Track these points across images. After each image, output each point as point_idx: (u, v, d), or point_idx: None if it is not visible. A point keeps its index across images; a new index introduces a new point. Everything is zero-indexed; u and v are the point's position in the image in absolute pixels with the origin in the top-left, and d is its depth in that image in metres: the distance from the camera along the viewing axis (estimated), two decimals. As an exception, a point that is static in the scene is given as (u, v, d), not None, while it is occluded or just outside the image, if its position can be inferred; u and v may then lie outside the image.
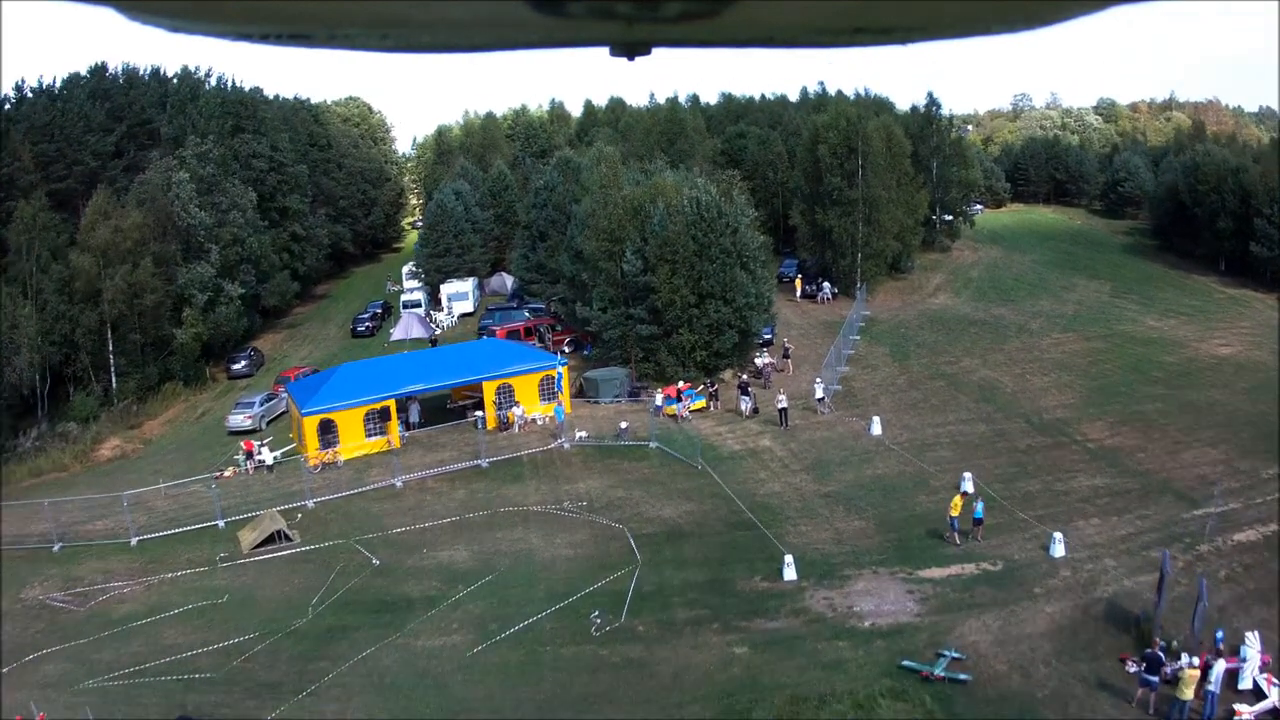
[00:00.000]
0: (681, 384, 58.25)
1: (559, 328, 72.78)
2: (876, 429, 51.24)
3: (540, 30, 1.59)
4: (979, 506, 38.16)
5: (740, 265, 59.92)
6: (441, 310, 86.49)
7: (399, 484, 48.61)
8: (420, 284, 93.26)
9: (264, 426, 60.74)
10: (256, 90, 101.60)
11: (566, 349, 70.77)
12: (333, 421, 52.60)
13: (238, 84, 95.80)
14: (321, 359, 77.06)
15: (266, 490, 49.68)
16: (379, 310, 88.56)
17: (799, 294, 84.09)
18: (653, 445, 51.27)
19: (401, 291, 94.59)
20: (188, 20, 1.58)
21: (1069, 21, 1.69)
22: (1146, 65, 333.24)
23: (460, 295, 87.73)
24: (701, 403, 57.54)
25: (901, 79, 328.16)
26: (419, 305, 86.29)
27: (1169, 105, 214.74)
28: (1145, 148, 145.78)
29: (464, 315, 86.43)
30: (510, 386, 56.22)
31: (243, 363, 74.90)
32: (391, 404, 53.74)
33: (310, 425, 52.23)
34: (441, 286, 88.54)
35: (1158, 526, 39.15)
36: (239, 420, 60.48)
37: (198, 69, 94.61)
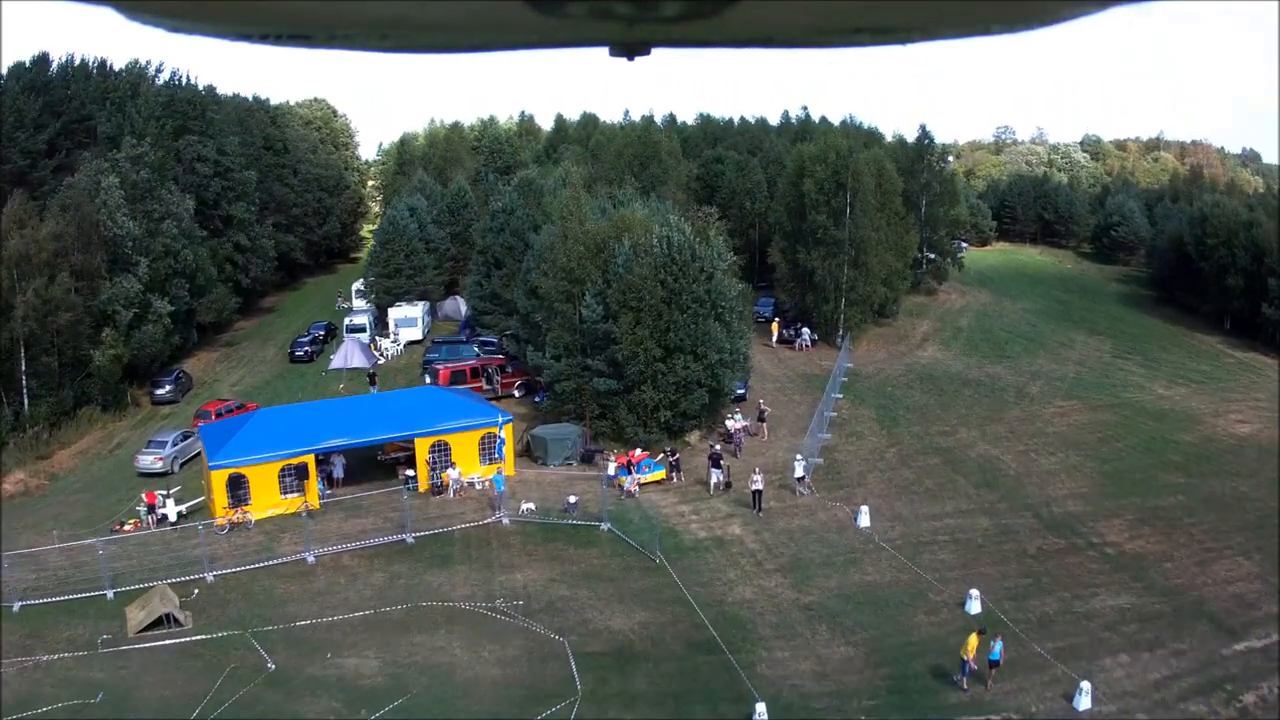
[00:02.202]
0: (636, 452, 51.30)
1: (509, 369, 65.50)
2: (864, 520, 44.25)
3: (540, 31, 1.62)
4: (996, 647, 31.39)
5: (714, 316, 53.01)
6: (388, 337, 79.28)
7: (311, 559, 41.65)
8: (367, 306, 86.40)
9: (177, 469, 53.66)
10: (210, 88, 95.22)
11: (517, 393, 64.20)
12: (243, 477, 45.79)
13: (191, 80, 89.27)
14: (254, 385, 70.38)
15: (165, 553, 42.67)
16: (321, 333, 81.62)
17: (775, 339, 77.54)
18: (604, 527, 44.22)
19: (352, 310, 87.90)
20: (188, 20, 1.60)
21: (1069, 21, 1.69)
22: (1139, 81, 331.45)
23: (408, 321, 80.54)
24: (660, 474, 50.31)
25: (881, 101, 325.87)
26: (363, 330, 79.11)
27: (1157, 144, 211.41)
28: (1138, 190, 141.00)
29: (411, 343, 79.24)
30: (446, 444, 49.20)
31: (167, 387, 67.78)
32: (310, 460, 46.84)
33: (218, 480, 45.38)
34: (390, 310, 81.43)
35: (1195, 667, 33.02)
36: (148, 462, 53.36)
37: (148, 63, 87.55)
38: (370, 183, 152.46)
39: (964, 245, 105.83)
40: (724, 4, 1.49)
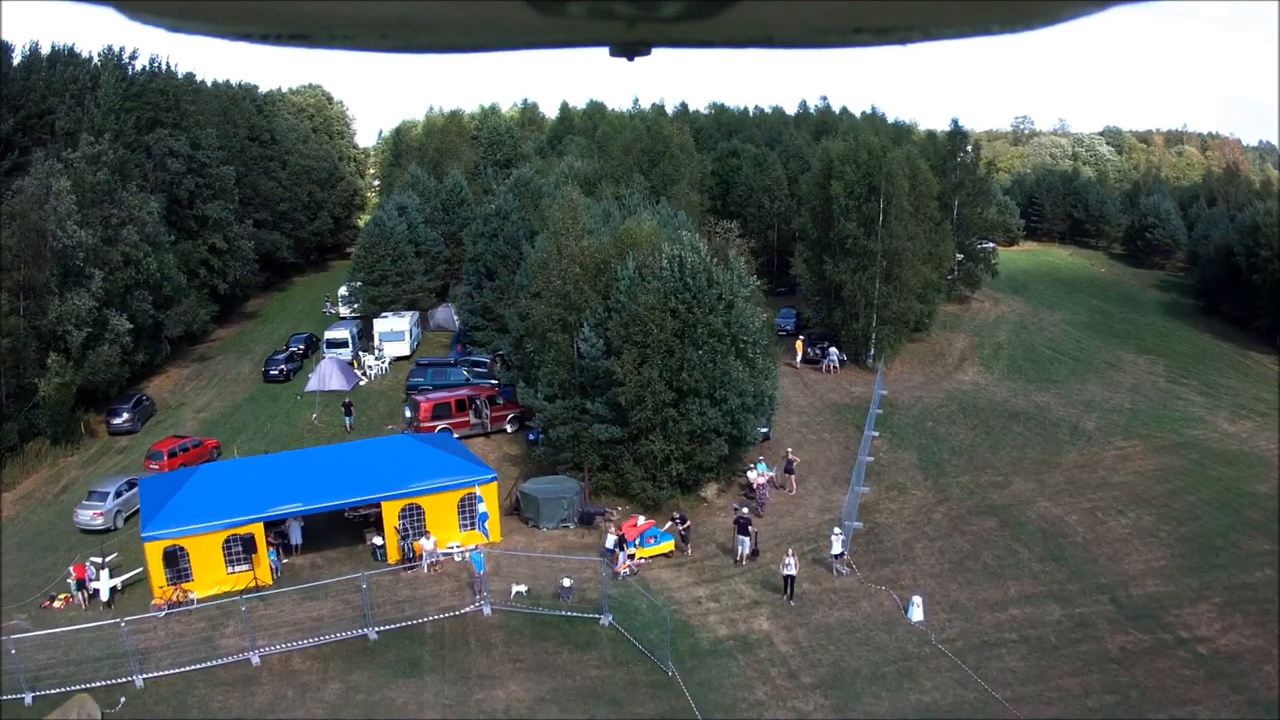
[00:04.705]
0: (640, 520, 43.35)
1: (501, 399, 57.83)
2: (916, 613, 36.69)
3: (540, 30, 1.62)
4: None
5: (735, 353, 45.65)
6: (372, 353, 71.89)
7: (256, 659, 34.49)
8: (350, 317, 79.37)
9: (120, 524, 46.51)
10: (189, 76, 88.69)
11: (509, 428, 56.90)
12: (183, 549, 38.79)
13: (170, 68, 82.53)
14: (222, 411, 63.53)
15: (94, 643, 35.41)
16: (300, 347, 74.47)
17: (800, 358, 70.18)
18: (605, 621, 36.63)
19: (339, 318, 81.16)
20: (187, 20, 1.61)
21: (1069, 21, 1.69)
22: (1140, 79, 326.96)
23: (395, 335, 72.87)
24: (668, 545, 42.57)
25: (879, 93, 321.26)
26: (344, 346, 71.72)
27: (1180, 137, 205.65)
28: (1169, 188, 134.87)
29: (399, 359, 71.86)
30: (419, 508, 41.90)
31: (125, 415, 60.36)
32: (258, 530, 39.71)
33: (153, 554, 38.34)
34: (375, 322, 74.21)
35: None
36: (88, 517, 46.22)
37: (120, 50, 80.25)
38: (370, 172, 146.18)
39: (993, 246, 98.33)
40: (724, 4, 1.50)
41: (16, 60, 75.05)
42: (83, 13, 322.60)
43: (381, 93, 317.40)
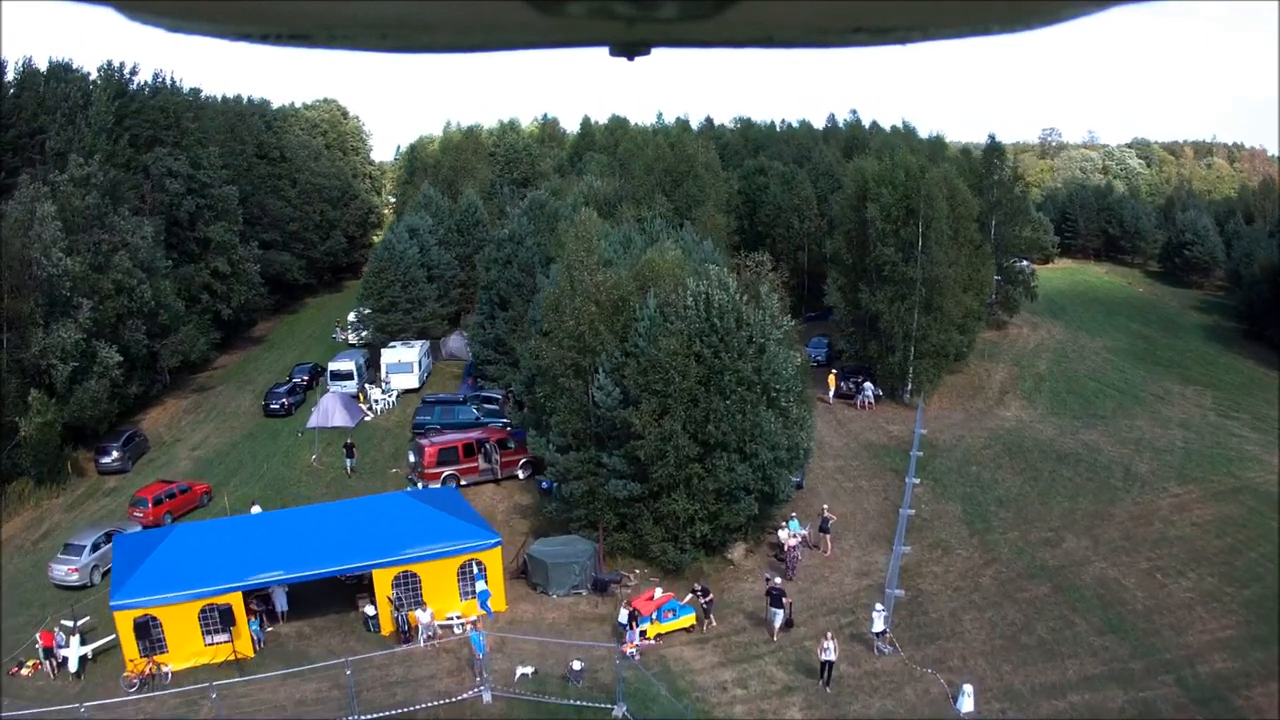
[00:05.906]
0: (657, 593, 38.95)
1: (512, 443, 53.74)
2: (967, 703, 32.21)
3: (540, 31, 1.63)
4: None
5: (767, 402, 41.50)
6: (379, 385, 68.07)
7: (227, 751, 30.97)
8: (357, 345, 75.71)
9: (97, 580, 42.94)
10: (194, 91, 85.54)
11: (520, 474, 53.07)
12: (155, 619, 35.17)
13: (176, 83, 79.50)
14: (218, 449, 60.05)
15: None
16: (304, 378, 70.82)
17: (832, 393, 65.94)
18: (619, 713, 32.28)
19: (348, 346, 77.57)
20: (187, 20, 1.62)
21: (1069, 21, 1.70)
22: (1145, 81, 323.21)
23: (403, 366, 68.91)
24: (688, 618, 38.11)
25: (892, 96, 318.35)
26: (349, 378, 67.87)
27: (1209, 149, 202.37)
28: (1204, 203, 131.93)
29: (407, 391, 68.06)
30: (415, 576, 38.02)
31: (114, 454, 56.83)
32: (237, 599, 36.01)
33: (124, 623, 34.79)
34: (382, 353, 70.39)
35: None
36: (63, 573, 42.75)
37: (121, 65, 76.64)
38: (386, 188, 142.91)
39: (1030, 266, 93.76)
40: (724, 4, 1.50)
41: (9, 75, 71.67)
42: (82, 13, 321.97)
43: (401, 105, 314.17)
